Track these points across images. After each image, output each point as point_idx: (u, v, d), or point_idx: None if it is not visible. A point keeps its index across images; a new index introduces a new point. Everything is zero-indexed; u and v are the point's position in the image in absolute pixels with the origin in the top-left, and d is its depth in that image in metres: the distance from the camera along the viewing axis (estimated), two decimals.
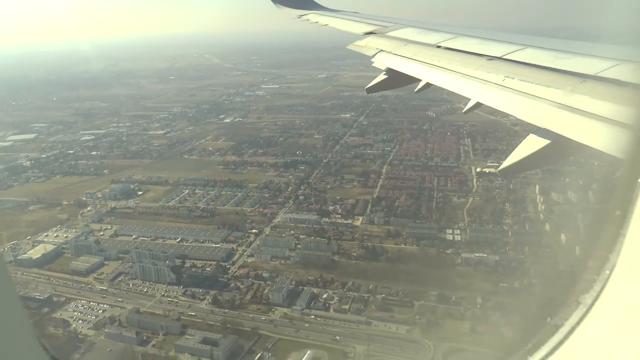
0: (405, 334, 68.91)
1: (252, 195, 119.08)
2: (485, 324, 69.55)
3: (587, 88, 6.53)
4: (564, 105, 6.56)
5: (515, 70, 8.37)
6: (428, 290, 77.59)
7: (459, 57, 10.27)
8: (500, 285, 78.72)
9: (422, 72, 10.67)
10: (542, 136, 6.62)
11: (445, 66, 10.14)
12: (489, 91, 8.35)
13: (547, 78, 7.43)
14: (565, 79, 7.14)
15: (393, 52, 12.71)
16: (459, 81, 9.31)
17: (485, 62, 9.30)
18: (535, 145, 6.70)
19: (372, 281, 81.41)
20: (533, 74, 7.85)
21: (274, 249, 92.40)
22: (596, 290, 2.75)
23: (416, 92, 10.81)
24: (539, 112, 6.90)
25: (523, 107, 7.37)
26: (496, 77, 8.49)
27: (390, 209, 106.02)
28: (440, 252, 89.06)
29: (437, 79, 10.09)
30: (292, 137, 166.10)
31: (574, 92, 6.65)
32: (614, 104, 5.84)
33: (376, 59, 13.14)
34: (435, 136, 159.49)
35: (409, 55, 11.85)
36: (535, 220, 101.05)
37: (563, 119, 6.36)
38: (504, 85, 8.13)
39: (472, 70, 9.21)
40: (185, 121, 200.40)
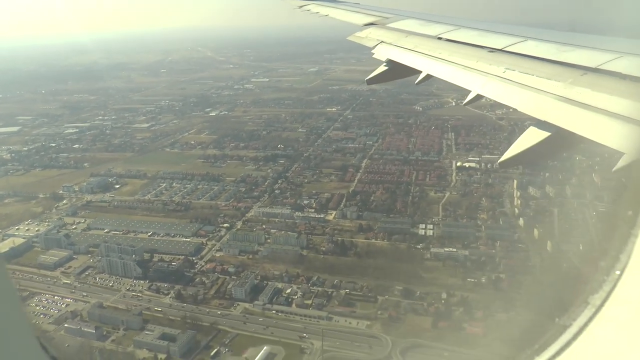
0: (365, 329, 67.95)
1: (228, 189, 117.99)
2: (447, 320, 68.65)
3: (588, 81, 6.48)
4: (565, 97, 6.51)
5: (516, 62, 8.30)
6: (393, 286, 76.67)
7: (460, 49, 10.20)
8: (467, 281, 77.79)
9: (423, 64, 10.61)
10: (543, 129, 6.55)
11: (446, 58, 10.07)
12: (490, 83, 8.28)
13: (548, 70, 7.36)
14: (566, 72, 7.06)
15: (394, 43, 12.61)
16: (460, 73, 9.24)
17: (486, 54, 9.21)
18: (536, 138, 6.62)
19: (338, 276, 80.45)
20: (534, 66, 7.78)
21: (243, 244, 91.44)
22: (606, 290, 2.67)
23: (417, 83, 10.81)
24: (539, 104, 6.86)
25: (524, 99, 7.31)
26: (497, 70, 8.42)
27: (365, 204, 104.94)
28: (411, 247, 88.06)
29: (438, 70, 10.01)
30: (275, 131, 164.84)
31: (574, 85, 6.58)
32: (614, 96, 5.79)
33: (377, 51, 13.02)
34: (419, 130, 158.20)
35: (410, 47, 11.77)
36: (510, 215, 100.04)
37: (563, 112, 6.32)
38: (504, 78, 8.06)
39: (473, 62, 9.14)
40: (171, 114, 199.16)
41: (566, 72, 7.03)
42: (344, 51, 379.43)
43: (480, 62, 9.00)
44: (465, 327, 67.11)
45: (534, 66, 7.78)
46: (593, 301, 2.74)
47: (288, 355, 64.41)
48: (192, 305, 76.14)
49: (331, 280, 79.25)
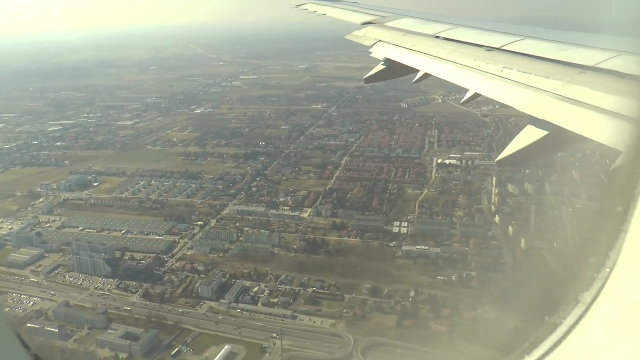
0: (329, 328, 67.36)
1: (205, 187, 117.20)
2: (412, 318, 68.08)
3: (586, 79, 6.49)
4: (563, 96, 6.52)
5: (514, 61, 8.31)
6: (362, 284, 76.16)
7: (457, 47, 10.23)
8: (437, 278, 77.22)
9: (421, 63, 10.66)
10: (540, 127, 6.57)
11: (444, 57, 10.10)
12: (488, 82, 8.28)
13: (546, 69, 7.39)
14: (564, 70, 7.08)
15: (391, 42, 12.66)
16: (458, 72, 9.26)
17: (484, 53, 9.24)
18: (533, 137, 6.63)
19: (307, 274, 79.88)
20: (532, 65, 7.80)
21: (215, 242, 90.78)
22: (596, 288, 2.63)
23: (414, 82, 10.83)
24: (537, 103, 6.88)
25: (521, 98, 7.29)
26: (495, 68, 8.43)
27: (341, 201, 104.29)
28: (383, 244, 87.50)
29: (436, 69, 10.04)
30: (258, 128, 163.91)
31: (572, 83, 6.60)
32: (612, 95, 5.80)
33: (374, 49, 13.07)
34: (402, 127, 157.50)
35: (408, 46, 11.80)
36: (487, 212, 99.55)
37: (561, 110, 6.34)
38: (502, 76, 8.07)
39: (471, 61, 9.17)
40: (156, 112, 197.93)
41: (564, 70, 7.04)
42: (335, 48, 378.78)
43: (478, 60, 9.00)
44: (430, 325, 66.68)
45: (531, 65, 7.80)
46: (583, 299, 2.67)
47: (249, 354, 63.84)
48: (159, 304, 75.44)
49: (299, 279, 78.63)
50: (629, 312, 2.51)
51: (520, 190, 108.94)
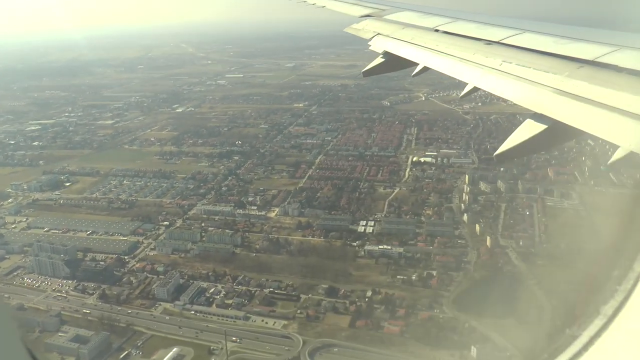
0: (280, 329, 66.31)
1: (176, 187, 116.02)
2: (366, 319, 67.08)
3: (585, 74, 6.51)
4: (561, 90, 6.52)
5: (513, 55, 8.29)
6: (320, 284, 75.18)
7: (457, 41, 10.17)
8: (396, 278, 76.20)
9: (420, 56, 10.58)
10: (539, 122, 6.57)
11: (443, 50, 10.05)
12: (487, 76, 8.23)
13: (545, 63, 7.37)
14: (563, 64, 7.07)
15: (390, 35, 12.55)
16: (457, 65, 9.22)
17: (483, 47, 9.20)
18: (532, 131, 6.62)
19: (266, 275, 78.91)
20: (531, 59, 7.78)
21: (177, 242, 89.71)
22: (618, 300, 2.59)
23: (413, 75, 10.80)
24: (536, 97, 6.85)
25: (520, 92, 7.25)
26: (494, 62, 8.41)
27: (310, 200, 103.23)
28: (346, 244, 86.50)
29: (435, 63, 9.97)
30: (237, 127, 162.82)
31: (571, 78, 6.60)
32: (611, 89, 5.80)
33: (373, 42, 12.95)
34: (381, 125, 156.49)
35: (407, 39, 11.73)
36: (456, 211, 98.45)
37: (560, 105, 6.35)
38: (501, 70, 8.03)
39: (470, 55, 9.12)
40: (138, 111, 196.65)
41: (563, 64, 7.01)
42: (325, 47, 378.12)
43: (477, 54, 8.96)
44: (383, 326, 65.64)
45: (530, 59, 7.78)
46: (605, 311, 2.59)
47: (197, 356, 62.87)
48: (115, 306, 74.32)
49: (257, 279, 77.62)
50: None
51: (492, 188, 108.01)
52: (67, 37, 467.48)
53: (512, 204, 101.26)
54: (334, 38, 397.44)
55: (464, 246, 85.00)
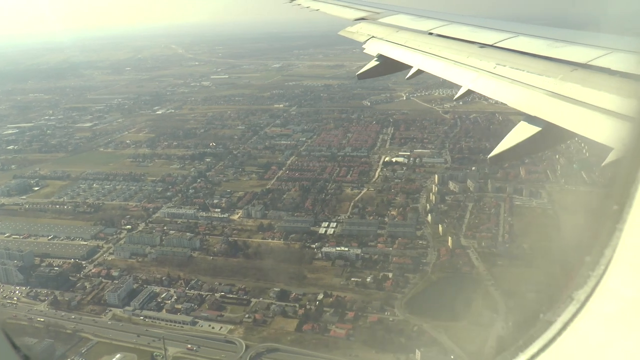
0: (227, 334, 65.26)
1: (144, 189, 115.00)
2: (314, 322, 66.04)
3: (578, 77, 6.55)
4: (555, 93, 6.59)
5: (507, 58, 8.34)
6: (272, 287, 74.14)
7: (451, 44, 10.24)
8: (350, 280, 75.14)
9: (414, 59, 10.66)
10: (533, 124, 6.67)
11: (437, 53, 10.12)
12: (481, 79, 8.31)
13: (539, 66, 7.44)
14: (556, 67, 7.12)
15: (385, 38, 12.68)
16: (451, 68, 9.26)
17: (477, 50, 9.25)
18: (526, 133, 6.71)
19: (220, 278, 77.92)
20: (525, 62, 7.82)
21: (136, 246, 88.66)
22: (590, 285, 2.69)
23: (407, 78, 10.90)
24: (529, 100, 6.95)
25: (514, 94, 7.35)
26: (488, 65, 8.46)
27: (275, 202, 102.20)
28: (305, 246, 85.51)
29: (429, 66, 10.03)
30: (214, 129, 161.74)
31: (565, 81, 6.66)
32: (604, 92, 5.86)
33: (367, 45, 13.04)
34: (358, 125, 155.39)
35: (401, 42, 11.82)
36: (422, 211, 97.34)
37: (553, 107, 6.43)
38: (495, 73, 8.09)
39: (464, 58, 9.20)
40: (118, 113, 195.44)
41: (556, 67, 7.06)
42: (314, 47, 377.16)
43: (471, 57, 9.01)
44: (330, 329, 64.56)
45: (524, 62, 7.82)
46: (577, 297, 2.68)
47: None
48: (65, 312, 73.19)
49: (211, 283, 76.62)
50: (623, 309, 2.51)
51: (461, 188, 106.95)
52: (59, 40, 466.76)
53: (480, 204, 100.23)
54: (324, 38, 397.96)
55: (425, 247, 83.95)
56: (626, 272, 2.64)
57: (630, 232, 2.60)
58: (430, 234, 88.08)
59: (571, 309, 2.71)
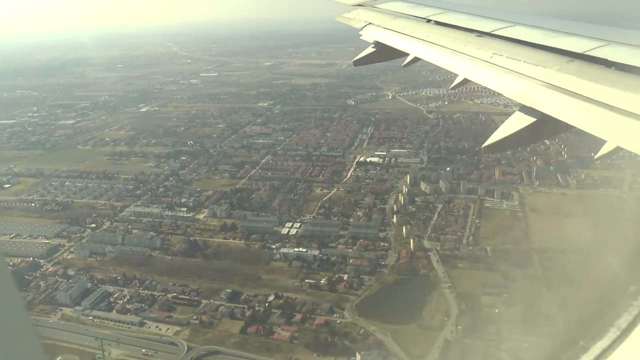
0: (172, 335, 64.35)
1: (116, 188, 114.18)
2: (260, 324, 65.09)
3: (574, 68, 6.56)
4: (551, 84, 6.60)
5: (504, 47, 8.31)
6: (225, 288, 73.16)
7: (448, 32, 10.16)
8: (304, 282, 74.14)
9: (411, 47, 10.57)
10: (528, 114, 6.67)
11: (434, 41, 10.01)
12: (477, 68, 8.29)
13: (536, 56, 7.44)
14: (553, 58, 7.13)
15: (382, 25, 12.52)
16: (447, 57, 9.25)
17: (474, 38, 9.22)
18: (521, 123, 6.71)
19: (175, 278, 77.03)
20: (521, 52, 7.81)
21: (97, 245, 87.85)
22: (633, 314, 2.58)
23: (404, 66, 10.80)
24: (525, 90, 6.93)
25: (510, 85, 7.30)
26: (485, 54, 8.45)
27: (242, 202, 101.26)
28: (265, 247, 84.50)
29: (426, 53, 9.95)
30: (195, 127, 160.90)
31: (561, 72, 6.65)
32: (599, 84, 5.87)
33: (364, 32, 12.90)
34: (339, 125, 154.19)
35: (398, 29, 11.67)
36: (388, 212, 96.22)
37: (549, 98, 6.45)
38: (492, 63, 8.09)
39: (461, 46, 9.16)
40: (103, 110, 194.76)
41: (553, 58, 7.10)
42: (308, 45, 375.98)
43: (468, 46, 8.98)
44: (275, 331, 63.59)
45: (521, 52, 7.81)
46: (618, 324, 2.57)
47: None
48: None
49: (165, 284, 75.67)
50: None
51: (433, 189, 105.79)
52: (55, 38, 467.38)
53: (449, 205, 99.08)
54: (319, 36, 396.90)
55: (386, 249, 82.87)
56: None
57: None
58: (393, 236, 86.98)
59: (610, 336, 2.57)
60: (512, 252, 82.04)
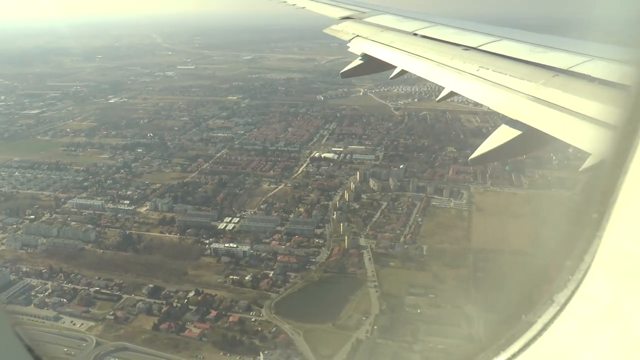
0: (85, 331, 63.40)
1: (65, 179, 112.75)
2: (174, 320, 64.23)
3: (559, 82, 6.71)
4: (536, 97, 6.70)
5: (490, 61, 8.40)
6: (148, 283, 72.18)
7: (435, 45, 10.34)
8: (229, 278, 73.25)
9: (398, 59, 10.71)
10: (514, 127, 6.73)
11: (421, 54, 10.18)
12: (464, 81, 8.38)
13: (521, 70, 7.53)
14: (538, 72, 7.25)
15: (369, 38, 12.73)
16: (434, 70, 9.34)
17: (461, 52, 9.36)
18: (507, 136, 6.77)
19: (102, 272, 75.88)
20: (508, 66, 7.92)
21: (30, 237, 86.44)
22: (570, 289, 2.88)
23: (391, 78, 11.08)
24: (511, 103, 7.03)
25: (496, 98, 7.42)
26: (471, 67, 8.53)
27: (186, 195, 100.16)
28: (198, 241, 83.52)
29: (413, 66, 10.09)
30: (159, 119, 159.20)
31: (546, 86, 6.80)
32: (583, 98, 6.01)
33: (352, 44, 13.10)
34: (302, 120, 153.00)
35: (386, 42, 11.88)
36: (331, 209, 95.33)
37: (534, 112, 6.54)
38: (478, 76, 8.16)
39: (448, 60, 9.28)
40: (71, 101, 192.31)
41: (538, 72, 7.22)
42: (292, 40, 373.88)
43: (455, 59, 9.12)
44: (187, 328, 62.72)
45: (507, 66, 7.92)
46: (558, 299, 2.87)
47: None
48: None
49: (90, 277, 74.53)
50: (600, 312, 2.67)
51: (382, 186, 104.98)
52: (40, 25, 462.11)
53: (395, 203, 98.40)
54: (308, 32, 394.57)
55: (319, 246, 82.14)
56: (603, 278, 2.73)
57: (608, 240, 2.71)
58: (329, 233, 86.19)
59: (551, 311, 2.84)
60: (448, 251, 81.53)
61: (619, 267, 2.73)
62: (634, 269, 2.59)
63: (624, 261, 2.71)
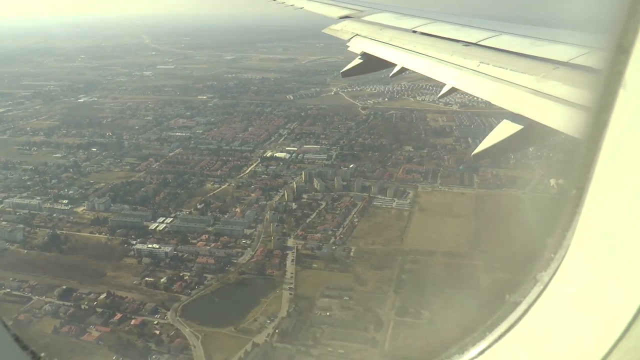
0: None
1: (11, 178, 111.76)
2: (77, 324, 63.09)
3: (560, 75, 6.67)
4: (537, 91, 6.67)
5: (491, 56, 8.38)
6: (62, 285, 71.01)
7: (434, 42, 10.28)
8: (144, 280, 72.06)
9: (398, 57, 10.64)
10: (516, 121, 6.72)
11: (421, 51, 10.12)
12: (464, 77, 8.35)
13: (522, 64, 7.49)
14: (539, 66, 7.20)
15: (369, 36, 12.68)
16: (435, 66, 9.28)
17: (461, 48, 9.31)
18: (509, 131, 6.76)
19: (20, 273, 74.63)
20: (508, 60, 7.87)
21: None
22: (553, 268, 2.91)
23: (391, 76, 10.93)
24: (512, 97, 7.00)
25: (497, 92, 7.37)
26: (471, 63, 8.50)
27: (126, 195, 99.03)
28: (126, 242, 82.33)
29: (413, 64, 10.04)
30: (123, 118, 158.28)
31: (547, 79, 6.77)
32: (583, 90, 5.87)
33: (351, 43, 13.06)
34: (264, 119, 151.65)
35: (385, 40, 11.83)
36: (268, 209, 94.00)
37: (536, 105, 6.51)
38: (478, 71, 8.14)
39: (448, 56, 9.21)
40: (40, 100, 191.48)
41: (539, 66, 7.16)
42: (279, 40, 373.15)
43: (455, 55, 9.08)
44: (88, 332, 61.58)
45: (507, 60, 7.89)
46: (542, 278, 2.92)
47: None
48: None
49: (5, 279, 73.46)
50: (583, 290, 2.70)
51: (326, 186, 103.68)
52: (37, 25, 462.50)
53: (335, 203, 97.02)
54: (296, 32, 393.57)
55: (245, 247, 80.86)
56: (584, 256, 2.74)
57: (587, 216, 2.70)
58: (258, 233, 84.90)
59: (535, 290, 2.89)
60: (377, 253, 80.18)
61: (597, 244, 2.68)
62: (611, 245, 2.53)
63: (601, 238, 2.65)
